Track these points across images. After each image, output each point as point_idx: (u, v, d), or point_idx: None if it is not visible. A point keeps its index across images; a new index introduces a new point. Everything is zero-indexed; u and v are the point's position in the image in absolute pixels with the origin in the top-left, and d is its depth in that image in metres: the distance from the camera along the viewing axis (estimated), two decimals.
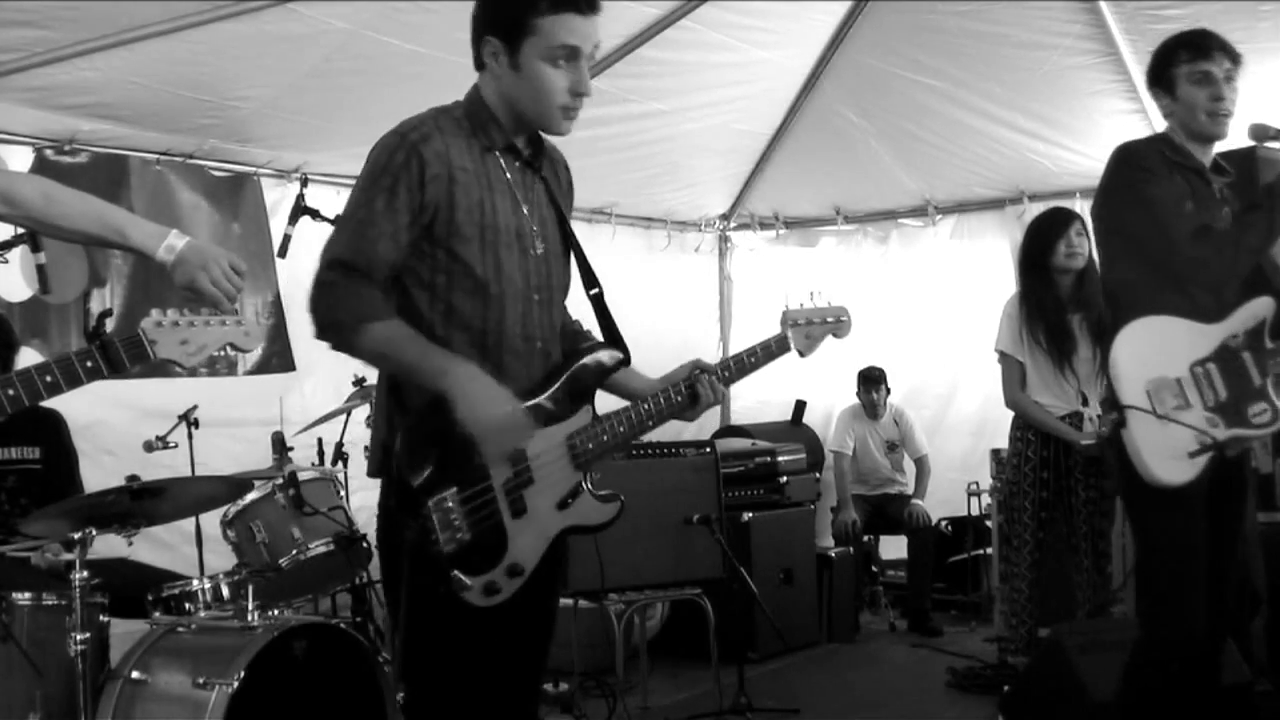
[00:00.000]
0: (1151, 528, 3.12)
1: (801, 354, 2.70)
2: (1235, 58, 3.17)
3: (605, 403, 2.49)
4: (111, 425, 4.84)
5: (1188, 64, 3.14)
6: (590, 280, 2.52)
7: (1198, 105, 3.13)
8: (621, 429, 2.43)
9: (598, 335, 2.55)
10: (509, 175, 2.39)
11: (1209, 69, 3.13)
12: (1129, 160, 3.17)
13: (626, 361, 2.49)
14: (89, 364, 2.53)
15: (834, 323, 2.74)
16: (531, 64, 2.30)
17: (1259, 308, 3.10)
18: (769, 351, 2.64)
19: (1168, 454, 2.98)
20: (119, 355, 2.59)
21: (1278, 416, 3.06)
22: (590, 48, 2.31)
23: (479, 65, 2.40)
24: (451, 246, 2.29)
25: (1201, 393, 3.04)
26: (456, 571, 2.25)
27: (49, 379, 2.51)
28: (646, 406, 2.47)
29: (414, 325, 2.30)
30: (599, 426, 2.41)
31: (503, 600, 2.29)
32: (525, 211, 2.40)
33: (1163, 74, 3.19)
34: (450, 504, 2.26)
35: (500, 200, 2.35)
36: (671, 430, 3.46)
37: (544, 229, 2.43)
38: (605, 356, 2.47)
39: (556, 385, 2.39)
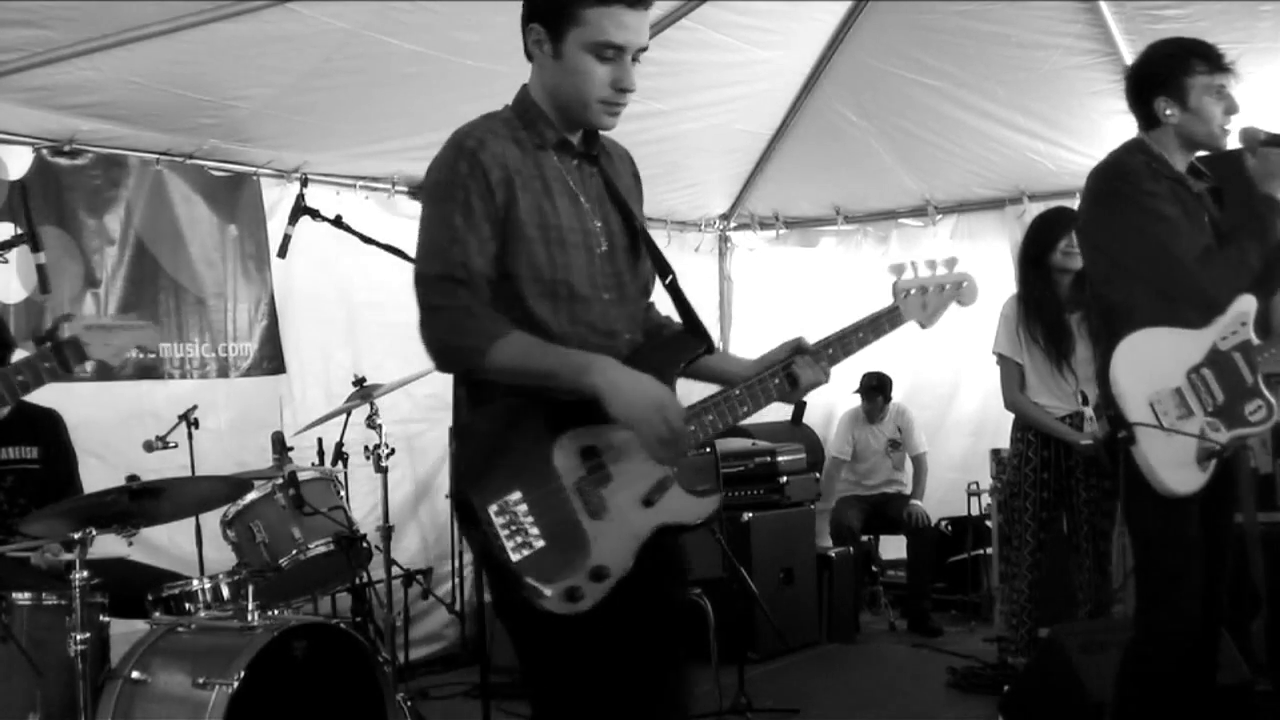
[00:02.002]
0: (1149, 528, 3.13)
1: (922, 326, 2.48)
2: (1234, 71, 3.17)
3: (698, 390, 2.36)
4: (111, 425, 4.84)
5: (1205, 76, 3.10)
6: (663, 269, 2.41)
7: (1214, 119, 3.12)
8: (710, 418, 2.27)
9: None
10: (565, 173, 2.31)
11: (1225, 84, 3.12)
12: (1123, 176, 3.14)
13: (709, 350, 2.36)
14: (47, 364, 2.96)
15: (954, 289, 2.50)
16: (574, 54, 2.24)
17: (1243, 306, 3.11)
18: (879, 327, 2.41)
19: (1178, 464, 3.01)
20: (66, 357, 3.01)
21: (1272, 411, 3.10)
22: (638, 44, 2.25)
23: (528, 55, 2.34)
24: (518, 250, 2.21)
25: (1200, 399, 3.06)
26: (529, 579, 2.09)
27: (21, 378, 2.90)
28: (739, 394, 2.30)
29: None
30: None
31: (589, 606, 2.11)
32: (586, 208, 2.31)
33: (1173, 81, 3.14)
34: (516, 509, 2.12)
35: (559, 200, 2.27)
36: None
37: (608, 225, 2.34)
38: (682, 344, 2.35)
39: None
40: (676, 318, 2.44)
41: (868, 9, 5.66)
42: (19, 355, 4.14)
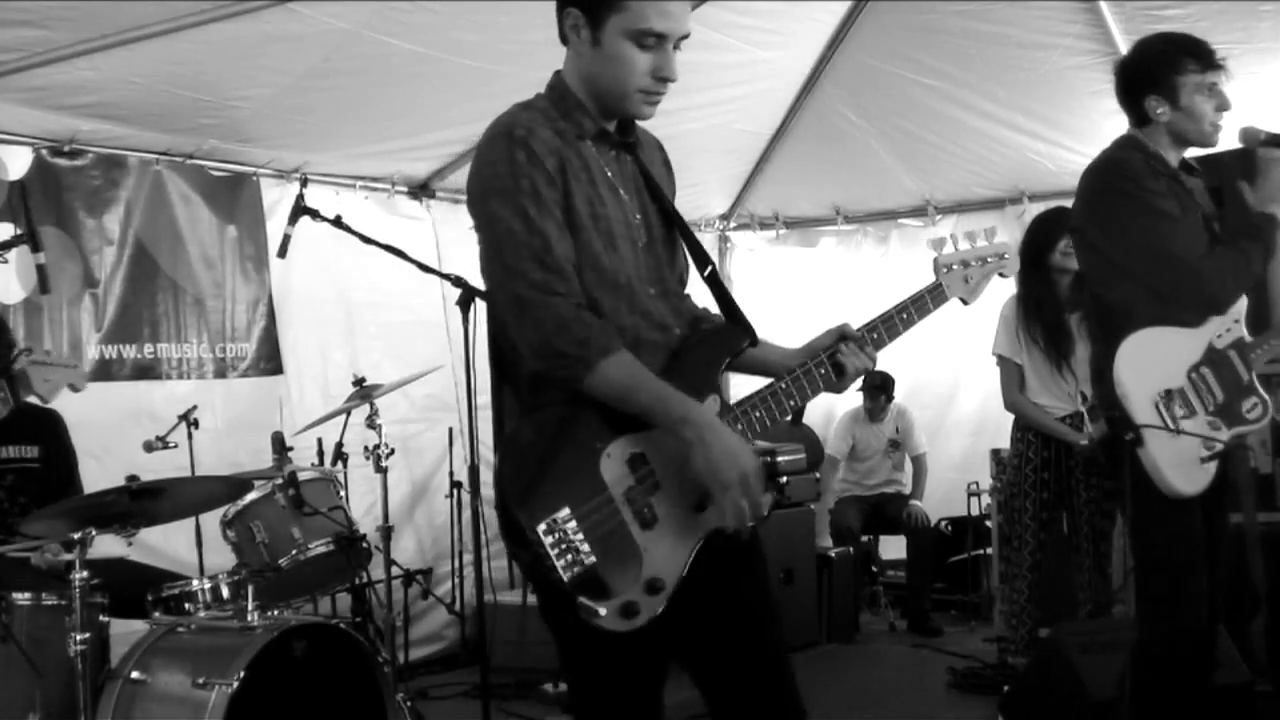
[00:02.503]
0: (1155, 530, 3.12)
1: (965, 301, 2.45)
2: (1223, 68, 3.16)
3: (744, 384, 2.32)
4: (108, 426, 4.84)
5: (1196, 74, 3.08)
6: (701, 260, 2.36)
7: (1205, 117, 3.10)
8: (758, 414, 2.19)
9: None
10: (604, 164, 2.23)
11: (1216, 81, 3.10)
12: (1123, 174, 3.12)
13: (752, 341, 2.31)
14: (1, 395, 3.45)
15: (996, 260, 2.47)
16: (614, 41, 2.14)
17: (1236, 304, 3.12)
18: (922, 305, 2.36)
19: (1183, 465, 3.01)
20: (16, 389, 3.50)
21: (1268, 409, 3.10)
22: (680, 31, 2.17)
23: (563, 39, 2.23)
24: (577, 242, 2.13)
25: (1202, 398, 3.06)
26: (582, 598, 2.01)
27: None
28: (785, 386, 2.22)
29: None
30: (729, 416, 2.16)
31: (646, 620, 2.04)
32: (625, 200, 2.24)
33: (1164, 79, 3.12)
34: (565, 526, 2.03)
35: (603, 191, 2.20)
36: None
37: (646, 218, 2.28)
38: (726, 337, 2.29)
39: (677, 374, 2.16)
40: (715, 309, 2.39)
41: (868, 9, 5.66)
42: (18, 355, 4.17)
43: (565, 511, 2.04)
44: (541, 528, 2.01)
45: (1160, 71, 3.13)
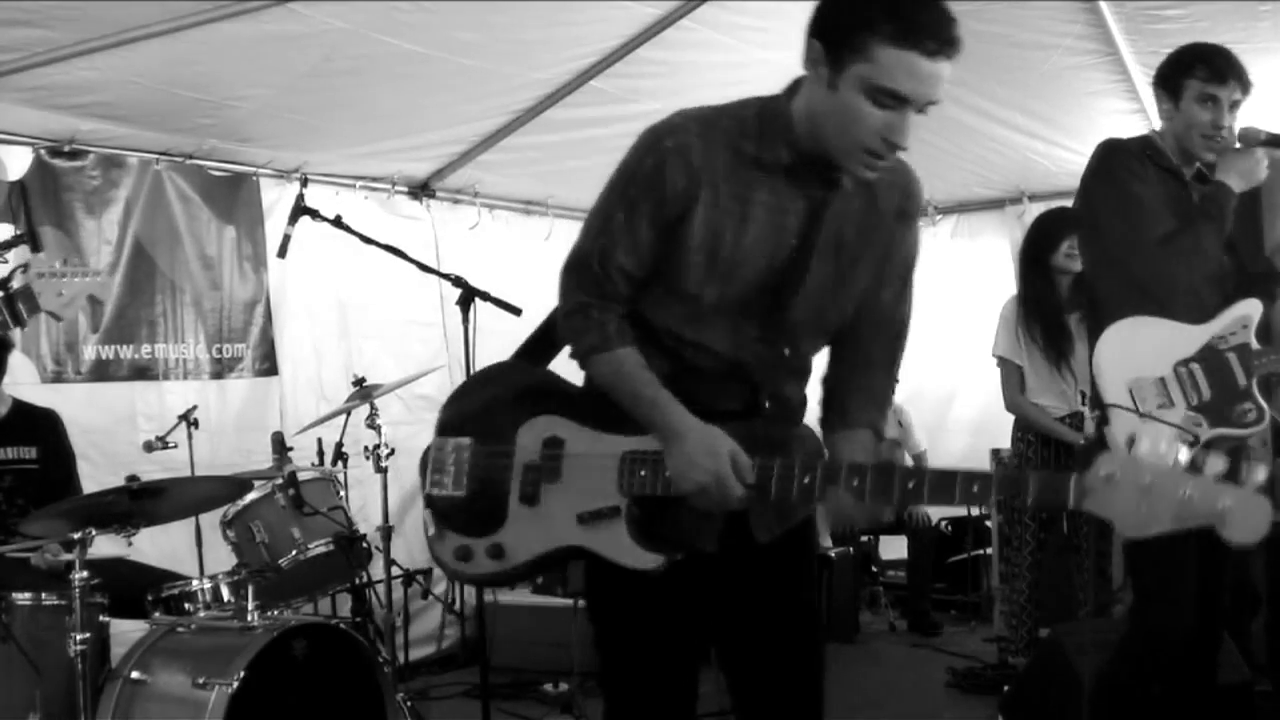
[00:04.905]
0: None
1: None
2: (1247, 87, 3.14)
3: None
4: (105, 427, 4.84)
5: (1200, 81, 3.10)
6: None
7: (1196, 125, 3.11)
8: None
9: None
10: (780, 203, 2.07)
11: (1218, 94, 3.10)
12: (1114, 155, 3.15)
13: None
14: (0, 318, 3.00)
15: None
16: (851, 91, 1.94)
17: (1246, 309, 3.11)
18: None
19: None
20: (18, 308, 3.01)
21: (1263, 416, 3.06)
22: (927, 97, 1.93)
23: (805, 64, 2.06)
24: (672, 265, 2.08)
25: (1185, 392, 3.04)
26: (432, 512, 2.19)
27: None
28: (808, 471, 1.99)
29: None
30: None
31: (471, 575, 2.19)
32: (789, 244, 2.07)
33: (1172, 80, 3.15)
34: (454, 450, 2.17)
35: (751, 228, 2.05)
36: None
37: (808, 271, 2.09)
38: None
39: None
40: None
41: None
42: (12, 356, 4.16)
43: (466, 442, 2.19)
44: (437, 442, 2.20)
45: (1172, 73, 3.17)
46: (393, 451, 4.51)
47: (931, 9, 1.92)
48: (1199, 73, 3.11)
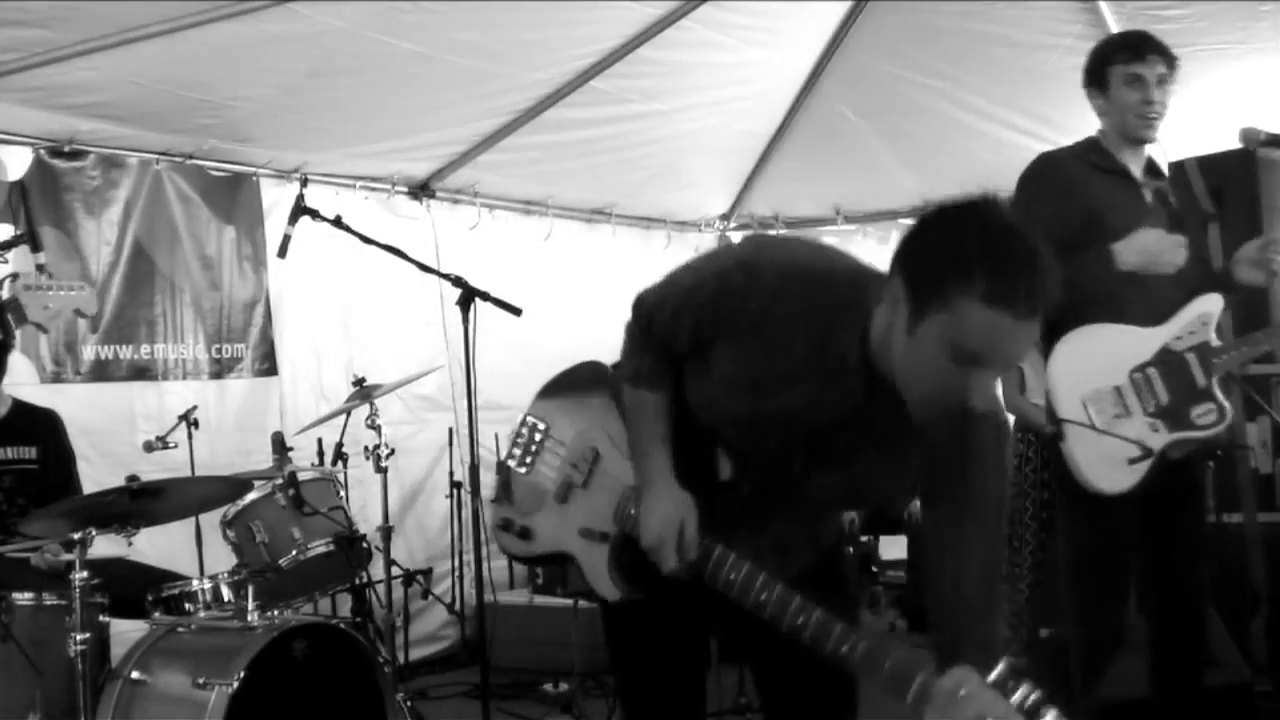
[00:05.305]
0: (1080, 536, 3.09)
1: None
2: (1170, 61, 3.16)
3: None
4: (104, 427, 4.84)
5: (1123, 65, 3.15)
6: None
7: (1128, 107, 3.14)
8: (734, 575, 2.04)
9: None
10: (828, 382, 1.97)
11: (1141, 71, 3.13)
12: (1030, 175, 3.25)
13: None
14: None
15: None
16: (929, 340, 1.75)
17: (1206, 305, 3.09)
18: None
19: (1107, 463, 2.96)
20: (6, 319, 3.00)
21: (1224, 416, 3.03)
22: (1012, 363, 1.84)
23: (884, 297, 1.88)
24: (699, 368, 2.11)
25: (1141, 399, 3.01)
26: (502, 477, 2.36)
27: None
28: (798, 604, 1.97)
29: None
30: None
31: (504, 545, 2.38)
32: (816, 404, 2.00)
33: (1097, 72, 3.21)
34: (537, 433, 2.35)
35: (787, 390, 1.99)
36: None
37: (819, 436, 2.03)
38: None
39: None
40: None
41: (868, 9, 5.65)
42: (13, 356, 4.16)
43: (544, 426, 2.36)
44: (529, 416, 2.38)
45: (1096, 67, 3.24)
46: (393, 451, 4.51)
47: (1034, 265, 1.73)
48: (1119, 56, 3.15)
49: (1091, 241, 3.05)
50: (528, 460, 2.36)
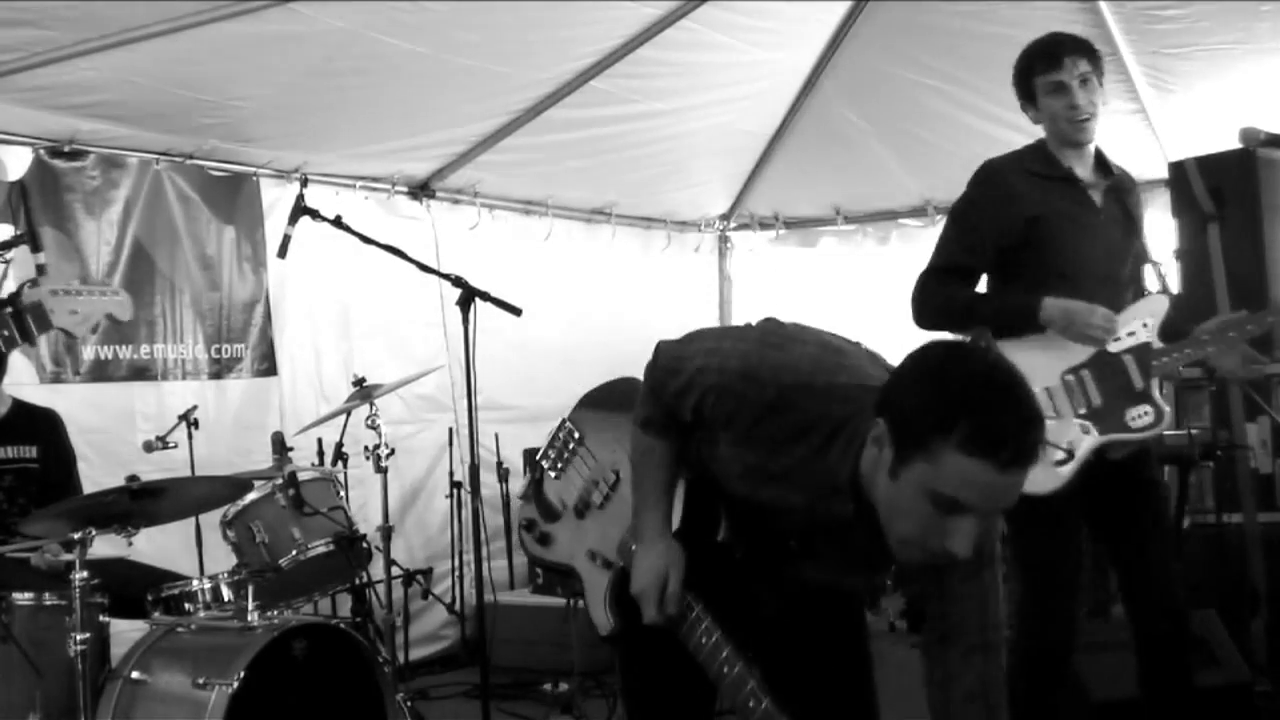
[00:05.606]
0: (1026, 542, 3.08)
1: None
2: (1093, 55, 3.18)
3: None
4: (103, 427, 4.84)
5: (1042, 75, 3.20)
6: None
7: (1057, 115, 3.18)
8: (698, 630, 2.11)
9: None
10: (812, 512, 2.02)
11: (1060, 79, 3.16)
12: (972, 182, 3.25)
13: None
14: (5, 332, 2.83)
15: None
16: (910, 487, 1.76)
17: (1150, 306, 3.09)
18: None
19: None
20: (27, 324, 2.86)
21: (1161, 417, 3.01)
22: (991, 510, 1.80)
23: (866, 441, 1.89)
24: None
25: (1073, 400, 3.02)
26: (536, 479, 2.44)
27: None
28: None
29: None
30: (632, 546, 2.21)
31: (526, 546, 2.45)
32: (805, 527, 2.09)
33: (1023, 86, 3.26)
34: (571, 442, 2.41)
35: (780, 512, 2.07)
36: None
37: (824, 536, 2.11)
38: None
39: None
40: None
41: (868, 9, 5.66)
42: (11, 357, 4.15)
43: (578, 435, 2.43)
44: (569, 423, 2.45)
45: (1023, 81, 3.28)
46: (393, 451, 4.51)
47: (1020, 411, 1.73)
48: (1038, 67, 3.21)
49: (1031, 247, 3.06)
50: (559, 465, 2.43)
